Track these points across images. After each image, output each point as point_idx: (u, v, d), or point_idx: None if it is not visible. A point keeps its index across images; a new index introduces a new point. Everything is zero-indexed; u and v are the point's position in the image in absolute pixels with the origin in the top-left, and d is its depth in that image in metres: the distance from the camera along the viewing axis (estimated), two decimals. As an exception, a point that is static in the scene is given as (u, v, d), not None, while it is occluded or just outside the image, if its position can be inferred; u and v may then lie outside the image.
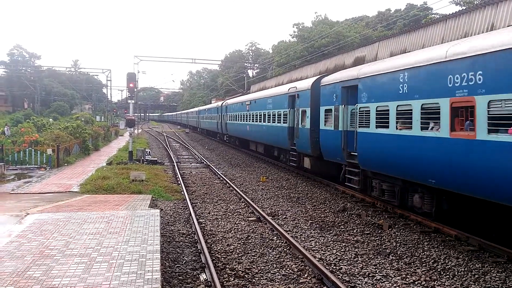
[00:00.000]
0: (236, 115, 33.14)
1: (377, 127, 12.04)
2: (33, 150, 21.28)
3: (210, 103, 59.92)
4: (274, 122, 22.53)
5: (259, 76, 63.00)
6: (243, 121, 30.34)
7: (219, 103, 43.70)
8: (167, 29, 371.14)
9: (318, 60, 27.58)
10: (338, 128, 14.63)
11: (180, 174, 20.19)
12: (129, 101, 26.00)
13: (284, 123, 20.68)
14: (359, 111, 13.13)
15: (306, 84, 18.61)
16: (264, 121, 24.62)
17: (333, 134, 15.04)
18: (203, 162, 25.68)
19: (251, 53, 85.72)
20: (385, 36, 19.62)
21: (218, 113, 41.39)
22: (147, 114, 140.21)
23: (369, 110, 12.52)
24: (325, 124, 15.90)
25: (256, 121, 26.57)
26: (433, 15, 42.10)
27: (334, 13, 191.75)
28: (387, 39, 18.17)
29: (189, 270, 8.00)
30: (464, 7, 20.24)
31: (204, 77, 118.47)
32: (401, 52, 15.66)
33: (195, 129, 69.29)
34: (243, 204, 14.04)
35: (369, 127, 12.48)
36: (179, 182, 18.15)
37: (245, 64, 76.79)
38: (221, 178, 19.34)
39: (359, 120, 13.18)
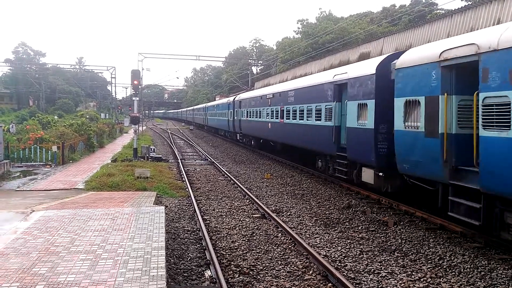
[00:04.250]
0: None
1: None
2: (38, 147, 21.36)
3: (214, 100, 60.53)
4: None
5: (263, 72, 62.89)
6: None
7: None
8: (171, 26, 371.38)
9: (322, 57, 27.49)
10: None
11: (184, 171, 20.21)
12: (133, 98, 26.03)
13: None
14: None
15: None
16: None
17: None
18: (208, 159, 25.69)
19: (255, 50, 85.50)
20: (390, 32, 19.52)
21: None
22: (152, 112, 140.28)
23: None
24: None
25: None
26: (438, 11, 41.79)
27: (338, 9, 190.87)
28: (392, 35, 18.08)
29: (194, 267, 8.00)
30: (470, 2, 20.04)
31: (208, 74, 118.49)
32: (407, 48, 15.59)
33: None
34: (247, 201, 14.04)
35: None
36: (183, 179, 18.17)
37: (249, 60, 76.65)
38: (225, 175, 19.34)
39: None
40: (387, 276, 7.54)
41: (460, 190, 8.77)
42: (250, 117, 29.28)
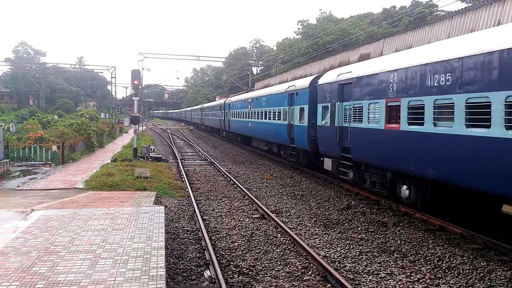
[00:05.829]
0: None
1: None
2: (38, 146, 21.34)
3: (214, 100, 60.27)
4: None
5: (264, 73, 62.90)
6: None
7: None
8: (171, 26, 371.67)
9: (322, 57, 27.50)
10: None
11: (184, 171, 20.21)
12: (133, 98, 26.06)
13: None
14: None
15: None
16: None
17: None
18: (207, 160, 25.69)
19: (255, 50, 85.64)
20: (390, 33, 19.54)
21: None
22: (152, 112, 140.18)
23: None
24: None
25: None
26: (438, 12, 41.81)
27: (338, 10, 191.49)
28: (392, 36, 18.10)
29: (193, 267, 8.01)
30: (470, 4, 20.07)
31: (208, 74, 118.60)
32: (407, 48, 15.58)
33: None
34: (247, 201, 14.05)
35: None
36: (183, 179, 18.18)
37: (250, 61, 76.69)
38: (225, 176, 19.34)
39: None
40: (386, 277, 7.55)
41: None
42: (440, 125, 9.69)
